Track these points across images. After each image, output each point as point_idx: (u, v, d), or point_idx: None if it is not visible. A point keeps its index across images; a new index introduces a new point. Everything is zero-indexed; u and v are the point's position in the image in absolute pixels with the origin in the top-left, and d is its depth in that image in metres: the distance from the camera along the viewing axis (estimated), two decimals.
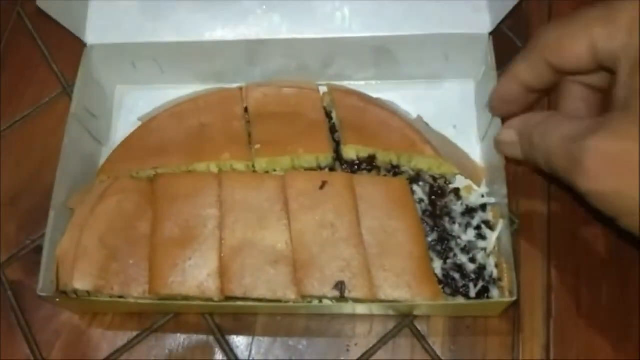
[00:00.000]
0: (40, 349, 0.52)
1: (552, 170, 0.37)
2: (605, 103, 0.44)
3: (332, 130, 0.55)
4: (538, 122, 0.39)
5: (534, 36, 0.41)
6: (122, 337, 0.52)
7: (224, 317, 0.52)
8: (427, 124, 0.56)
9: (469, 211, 0.51)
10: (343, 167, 0.53)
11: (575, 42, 0.37)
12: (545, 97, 0.54)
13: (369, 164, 0.53)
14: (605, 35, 0.35)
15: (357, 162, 0.53)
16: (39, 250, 0.50)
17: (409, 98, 0.58)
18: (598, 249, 0.51)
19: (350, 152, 0.53)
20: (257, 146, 0.53)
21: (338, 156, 0.54)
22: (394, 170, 0.53)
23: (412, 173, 0.53)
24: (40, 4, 0.52)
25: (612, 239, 0.51)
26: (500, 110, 0.48)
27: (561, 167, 0.36)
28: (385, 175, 0.53)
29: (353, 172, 0.53)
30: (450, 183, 0.54)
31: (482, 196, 0.52)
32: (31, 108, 0.64)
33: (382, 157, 0.53)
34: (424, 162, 0.53)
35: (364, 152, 0.53)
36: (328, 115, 0.56)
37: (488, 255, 0.49)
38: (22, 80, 0.66)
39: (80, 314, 0.53)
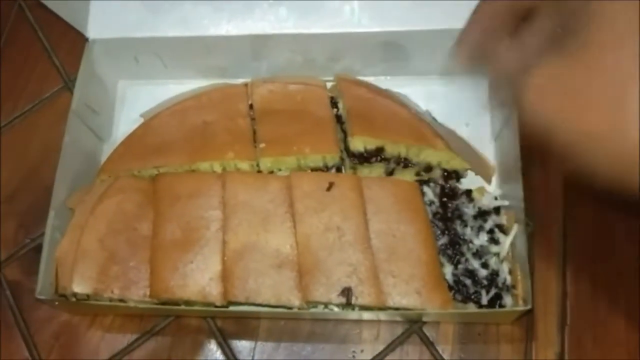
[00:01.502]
0: (38, 351, 0.51)
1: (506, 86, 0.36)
2: None
3: (339, 120, 0.53)
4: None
5: None
6: (122, 340, 0.51)
7: (226, 321, 0.51)
8: (434, 119, 0.54)
9: (482, 214, 0.49)
10: (351, 159, 0.52)
11: None
12: None
13: (376, 156, 0.51)
14: None
15: (365, 154, 0.51)
16: (38, 249, 0.49)
17: (420, 94, 0.56)
18: (617, 255, 0.49)
19: (358, 143, 0.51)
20: (262, 145, 0.52)
21: (345, 147, 0.52)
22: (404, 163, 0.51)
23: (421, 166, 0.51)
24: None
25: (632, 245, 0.49)
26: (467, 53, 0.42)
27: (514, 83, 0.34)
28: (394, 169, 0.51)
29: (360, 163, 0.51)
30: (461, 177, 0.52)
31: (495, 198, 0.50)
32: (31, 103, 0.63)
33: (391, 150, 0.51)
34: (434, 156, 0.51)
35: (372, 144, 0.51)
36: (335, 105, 0.54)
37: (501, 261, 0.47)
38: (22, 74, 0.64)
39: (79, 315, 0.52)
